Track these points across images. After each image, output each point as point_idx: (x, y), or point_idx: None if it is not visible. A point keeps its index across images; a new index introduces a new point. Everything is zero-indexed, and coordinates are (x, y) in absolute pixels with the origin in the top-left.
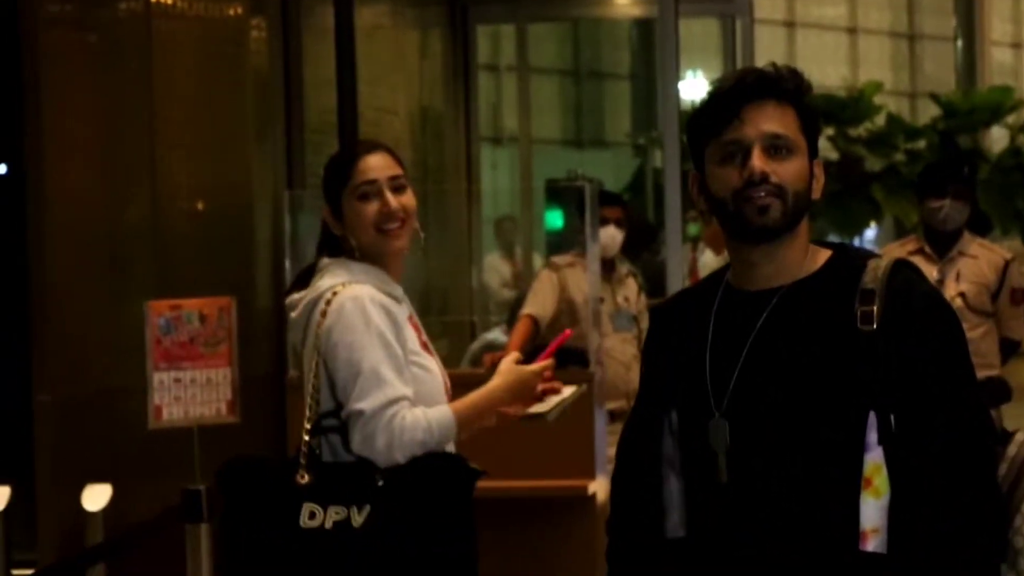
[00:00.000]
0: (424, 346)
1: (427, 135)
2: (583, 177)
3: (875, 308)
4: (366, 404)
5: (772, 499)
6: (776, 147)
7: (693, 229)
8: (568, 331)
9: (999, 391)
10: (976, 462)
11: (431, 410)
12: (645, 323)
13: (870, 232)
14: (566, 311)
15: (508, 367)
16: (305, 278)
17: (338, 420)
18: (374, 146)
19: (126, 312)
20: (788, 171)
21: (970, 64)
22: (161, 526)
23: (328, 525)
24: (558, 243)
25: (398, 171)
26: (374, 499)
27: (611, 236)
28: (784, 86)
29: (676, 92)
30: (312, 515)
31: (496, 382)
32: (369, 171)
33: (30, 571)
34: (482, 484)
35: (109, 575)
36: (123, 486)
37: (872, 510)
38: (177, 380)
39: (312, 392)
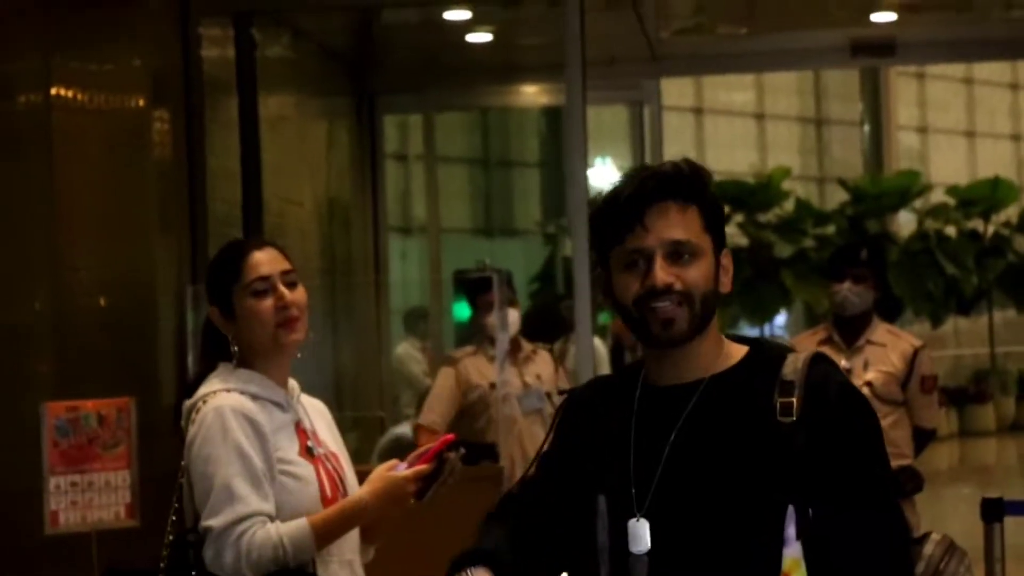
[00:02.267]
0: (305, 452)
1: (334, 225)
2: (490, 267)
3: (795, 400)
4: (216, 521)
5: None
6: (679, 253)
7: (604, 318)
8: (449, 436)
9: (911, 481)
10: (893, 561)
11: (284, 525)
12: None
13: (780, 318)
14: (477, 400)
15: (378, 474)
16: (192, 387)
17: (195, 534)
18: (262, 242)
19: (22, 411)
20: (693, 276)
21: (877, 148)
22: None
23: None
24: (467, 335)
25: (288, 266)
26: None
27: (512, 318)
28: (685, 186)
29: (584, 180)
30: None
31: (364, 490)
32: (261, 266)
33: None
34: None
35: None
36: None
37: None
38: (74, 484)
39: (175, 503)
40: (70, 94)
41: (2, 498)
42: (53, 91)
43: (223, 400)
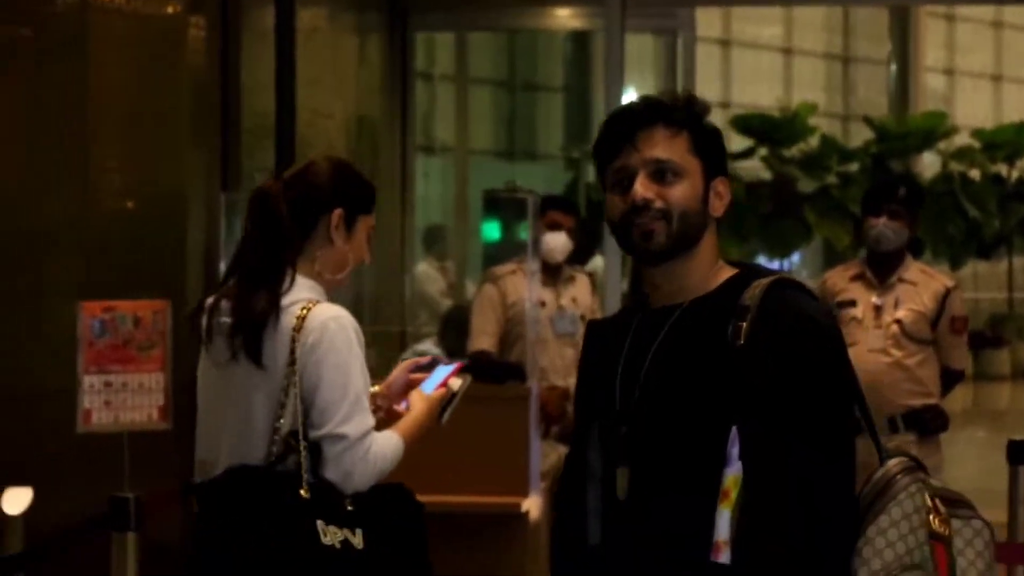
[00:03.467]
0: None
1: (362, 141)
2: (522, 188)
3: (744, 324)
4: (351, 429)
5: (649, 510)
6: (662, 171)
7: None
8: (460, 363)
9: (936, 420)
10: (821, 486)
11: (387, 436)
12: None
13: (795, 255)
14: (514, 318)
15: (419, 396)
16: (226, 284)
17: (303, 440)
18: None
19: (52, 311)
20: (675, 194)
21: (903, 89)
22: (87, 534)
23: (337, 544)
24: (495, 255)
25: None
26: (359, 523)
27: (563, 243)
28: (676, 111)
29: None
30: (324, 534)
31: (421, 409)
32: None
33: None
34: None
35: None
36: (46, 490)
37: (727, 522)
38: (108, 384)
39: (299, 404)
40: None
41: (35, 397)
42: None
43: (337, 312)
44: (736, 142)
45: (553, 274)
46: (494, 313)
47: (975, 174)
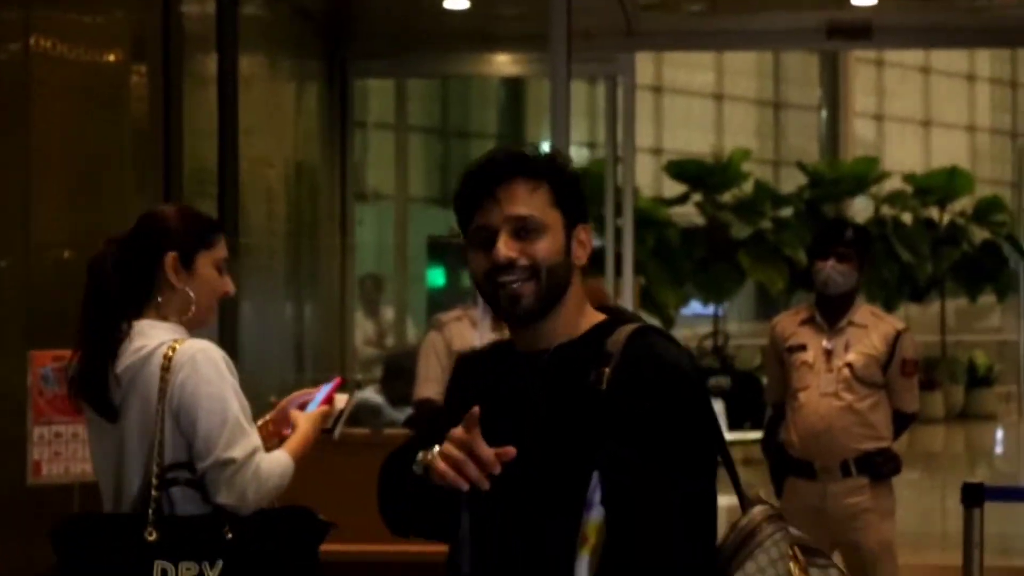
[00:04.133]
0: None
1: (302, 188)
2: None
3: (607, 370)
4: (237, 452)
5: (508, 553)
6: (525, 229)
7: None
8: (339, 378)
9: (889, 463)
10: (683, 531)
11: (274, 455)
12: None
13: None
14: None
15: (302, 416)
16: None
17: (189, 472)
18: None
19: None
20: (538, 250)
21: (834, 134)
22: None
23: None
24: (439, 301)
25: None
26: (225, 553)
27: None
28: (536, 164)
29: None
30: (164, 572)
31: (304, 427)
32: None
33: None
34: (346, 547)
35: None
36: None
37: (585, 567)
38: (57, 435)
39: (157, 446)
40: (49, 44)
41: None
42: (32, 41)
43: (203, 344)
44: (670, 187)
45: (496, 317)
46: (438, 360)
47: (907, 218)
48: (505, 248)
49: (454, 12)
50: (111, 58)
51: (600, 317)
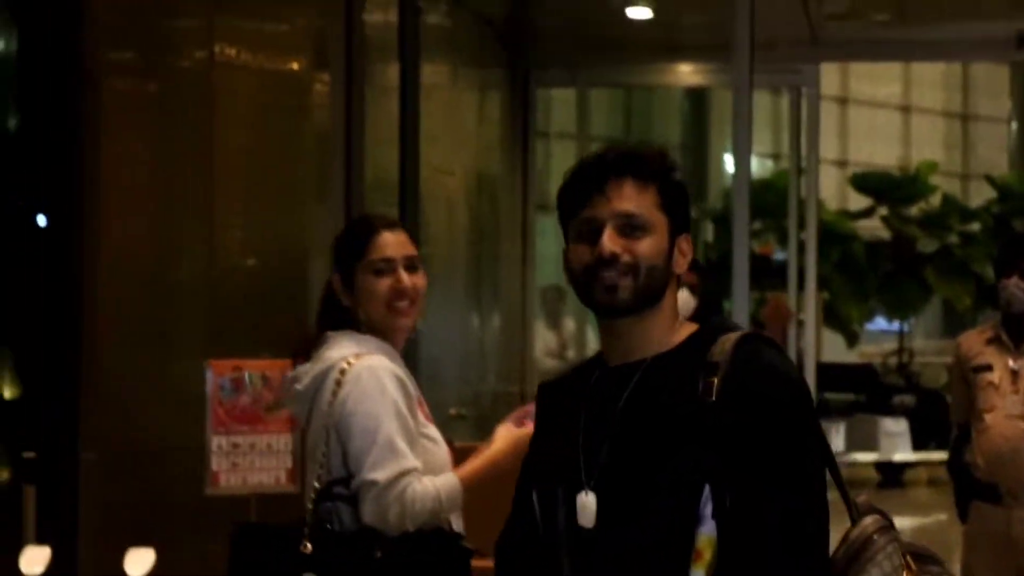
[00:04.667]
0: (427, 417)
1: (482, 197)
2: None
3: (716, 380)
4: (380, 475)
5: (619, 570)
6: (631, 226)
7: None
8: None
9: None
10: (797, 546)
11: (439, 479)
12: None
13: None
14: None
15: (505, 432)
16: (306, 350)
17: (347, 489)
18: (392, 223)
19: (177, 369)
20: (641, 249)
21: None
22: None
23: None
24: None
25: (413, 251)
26: (372, 572)
27: (684, 301)
28: (646, 164)
29: (748, 164)
30: None
31: (498, 446)
32: (387, 248)
33: None
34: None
35: None
36: (169, 550)
37: None
38: (235, 445)
39: (322, 460)
40: (233, 53)
41: (160, 456)
42: (216, 49)
43: (373, 361)
44: (855, 201)
45: None
46: None
47: None
48: (610, 242)
49: (637, 21)
50: (294, 67)
51: (693, 327)
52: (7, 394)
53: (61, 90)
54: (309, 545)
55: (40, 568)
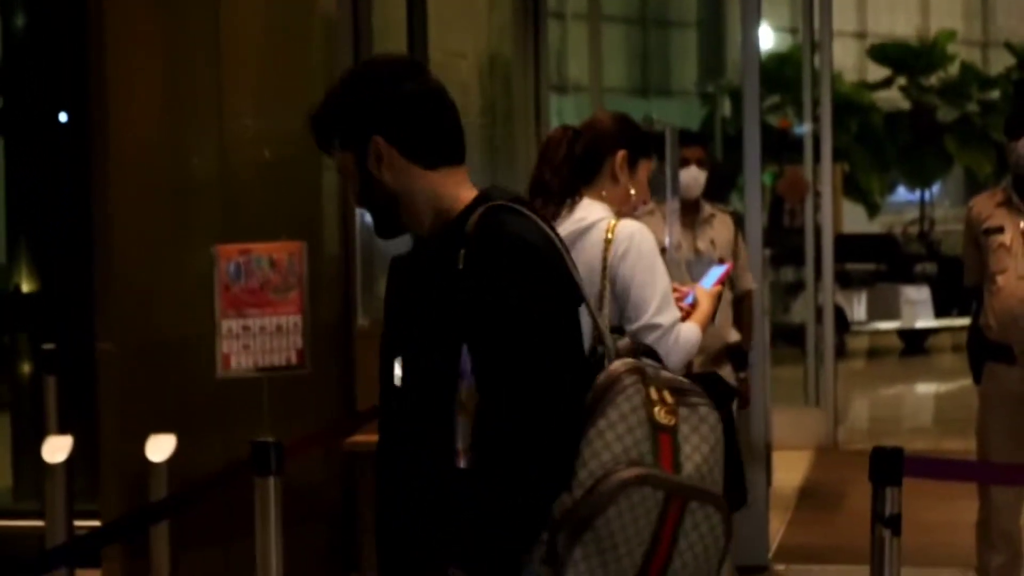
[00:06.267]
0: None
1: (495, 81)
2: (659, 122)
3: (463, 250)
4: (664, 319)
5: (407, 418)
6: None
7: (765, 178)
8: (730, 265)
9: None
10: (524, 399)
11: (688, 326)
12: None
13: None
14: None
15: (703, 292)
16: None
17: (620, 334)
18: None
19: (191, 258)
20: (351, 190)
21: None
22: (229, 479)
23: None
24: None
25: None
26: None
27: (693, 177)
28: (320, 134)
29: (756, 40)
30: None
31: (707, 304)
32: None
33: (93, 522)
34: None
35: (174, 526)
36: (188, 436)
37: (464, 431)
38: (246, 328)
39: (600, 304)
40: None
41: (173, 342)
42: None
43: (638, 225)
44: (873, 72)
45: (690, 213)
46: None
47: None
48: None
49: None
50: None
51: (471, 193)
52: (26, 288)
53: None
54: None
55: (63, 456)
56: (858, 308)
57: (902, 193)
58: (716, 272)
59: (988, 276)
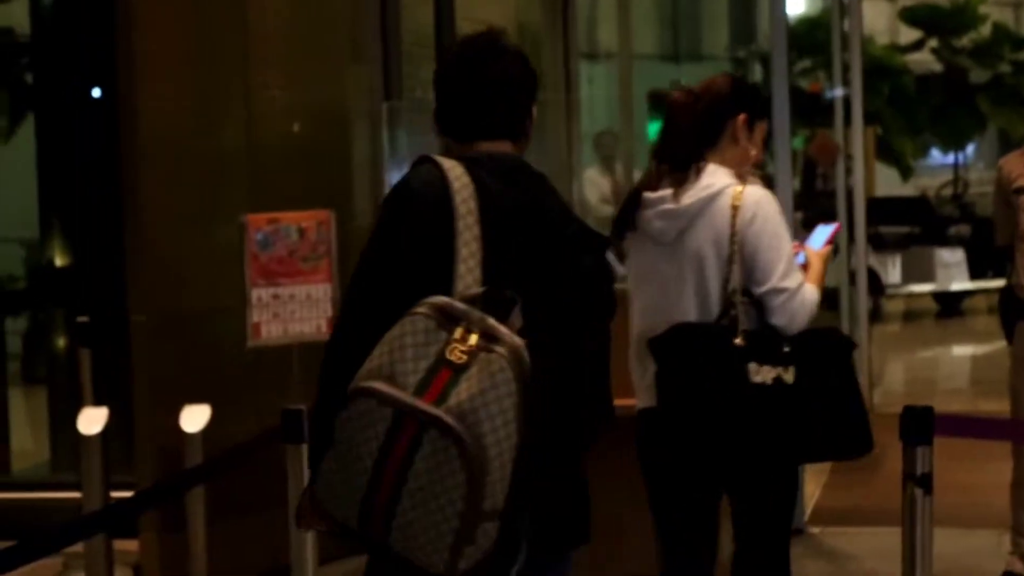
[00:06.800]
0: None
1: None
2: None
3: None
4: (790, 283)
5: None
6: None
7: (797, 142)
8: (839, 225)
9: None
10: (342, 304)
11: (809, 287)
12: None
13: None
14: None
15: (814, 253)
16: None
17: (748, 297)
18: None
19: (222, 229)
20: None
21: None
22: (260, 447)
23: (768, 381)
24: None
25: None
26: (793, 362)
27: None
28: None
29: (783, 4)
30: (756, 373)
31: (819, 264)
32: None
33: (128, 492)
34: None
35: (208, 496)
36: (222, 406)
37: None
38: (276, 296)
39: (731, 267)
40: None
41: (205, 313)
42: None
43: (765, 191)
44: (905, 34)
45: None
46: None
47: None
48: None
49: None
50: None
51: None
52: (59, 262)
53: None
54: (743, 339)
55: (98, 428)
56: (892, 271)
57: (936, 156)
58: (825, 231)
59: (1019, 235)
